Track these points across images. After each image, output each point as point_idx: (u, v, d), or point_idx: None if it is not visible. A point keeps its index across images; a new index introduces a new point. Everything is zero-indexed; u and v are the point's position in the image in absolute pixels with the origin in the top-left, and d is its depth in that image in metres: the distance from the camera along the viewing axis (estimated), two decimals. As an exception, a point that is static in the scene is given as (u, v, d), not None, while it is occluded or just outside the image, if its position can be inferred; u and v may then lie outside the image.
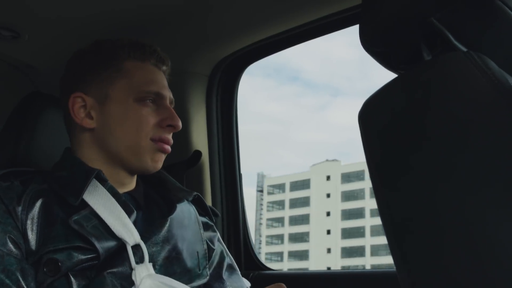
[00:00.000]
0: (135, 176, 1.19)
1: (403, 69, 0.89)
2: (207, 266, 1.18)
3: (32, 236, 1.00)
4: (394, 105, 0.80)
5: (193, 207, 1.24)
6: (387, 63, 0.90)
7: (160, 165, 1.16)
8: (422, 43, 0.83)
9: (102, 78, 1.13)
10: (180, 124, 1.15)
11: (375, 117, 0.83)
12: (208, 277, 1.16)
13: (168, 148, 1.15)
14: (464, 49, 0.77)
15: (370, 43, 0.88)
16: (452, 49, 0.78)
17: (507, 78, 0.69)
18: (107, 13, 1.45)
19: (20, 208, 1.01)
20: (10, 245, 0.97)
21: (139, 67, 1.15)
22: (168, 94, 1.18)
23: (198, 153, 1.70)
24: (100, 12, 1.44)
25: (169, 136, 1.15)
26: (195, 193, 1.25)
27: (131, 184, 1.17)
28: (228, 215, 1.77)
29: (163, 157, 1.16)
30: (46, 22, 1.49)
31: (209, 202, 1.73)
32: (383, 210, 0.80)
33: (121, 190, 1.12)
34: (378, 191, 0.81)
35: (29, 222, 1.00)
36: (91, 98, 1.13)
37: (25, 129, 1.29)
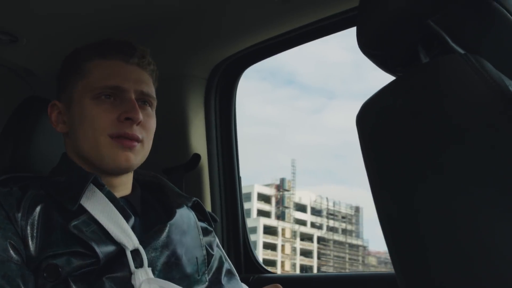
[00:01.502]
0: (127, 179, 1.17)
1: (401, 72, 0.88)
2: (206, 271, 1.17)
3: (32, 242, 1.00)
4: (391, 108, 0.80)
5: (193, 212, 1.23)
6: (384, 66, 0.90)
7: (127, 163, 1.09)
8: (420, 45, 0.83)
9: (68, 83, 1.15)
10: (139, 116, 1.08)
11: (373, 119, 0.83)
12: (207, 283, 1.16)
13: (130, 143, 1.08)
14: (462, 52, 0.77)
15: (367, 46, 0.88)
16: (449, 51, 0.78)
17: (504, 80, 0.69)
18: (105, 17, 1.45)
19: (19, 215, 1.01)
20: (11, 251, 0.97)
21: (99, 64, 1.13)
22: (134, 87, 1.11)
23: (197, 157, 1.70)
24: (98, 16, 1.44)
25: (130, 131, 1.08)
26: (194, 198, 1.24)
27: (124, 187, 1.16)
28: (227, 218, 1.77)
29: (128, 155, 1.09)
30: (44, 26, 1.49)
31: (208, 205, 1.73)
32: (381, 212, 0.80)
33: (116, 195, 1.11)
34: (376, 194, 0.81)
35: (29, 228, 1.00)
36: (62, 104, 1.15)
37: (23, 133, 1.29)
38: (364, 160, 0.83)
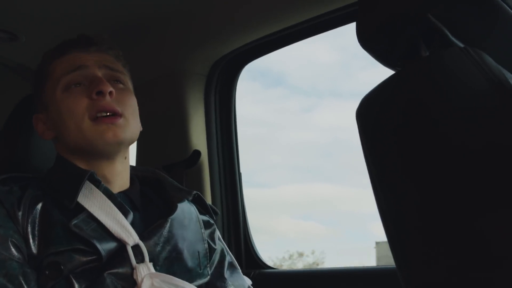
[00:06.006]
0: (122, 169, 1.16)
1: (401, 66, 0.89)
2: (208, 265, 1.18)
3: (33, 240, 1.00)
4: (391, 102, 0.80)
5: (194, 206, 1.24)
6: (384, 60, 0.90)
7: (116, 138, 1.08)
8: (420, 39, 0.83)
9: (41, 90, 1.17)
10: (107, 88, 1.09)
11: (372, 114, 0.83)
12: (209, 277, 1.16)
13: (111, 120, 1.08)
14: (461, 45, 0.77)
15: (367, 40, 0.88)
16: (449, 45, 0.78)
17: (504, 73, 0.69)
18: (105, 15, 1.45)
19: (20, 213, 1.01)
20: (12, 250, 0.98)
21: (60, 62, 1.14)
22: (97, 64, 1.13)
23: (197, 153, 1.70)
24: (98, 14, 1.44)
25: (104, 103, 1.08)
26: (195, 192, 1.24)
27: (121, 179, 1.15)
28: (228, 214, 1.77)
29: (114, 129, 1.08)
30: (43, 24, 1.48)
31: (209, 201, 1.73)
32: (381, 207, 0.80)
33: (115, 190, 1.12)
34: (376, 189, 0.81)
35: (29, 226, 1.01)
36: (42, 114, 1.17)
37: (23, 131, 1.28)
38: (365, 154, 0.83)
